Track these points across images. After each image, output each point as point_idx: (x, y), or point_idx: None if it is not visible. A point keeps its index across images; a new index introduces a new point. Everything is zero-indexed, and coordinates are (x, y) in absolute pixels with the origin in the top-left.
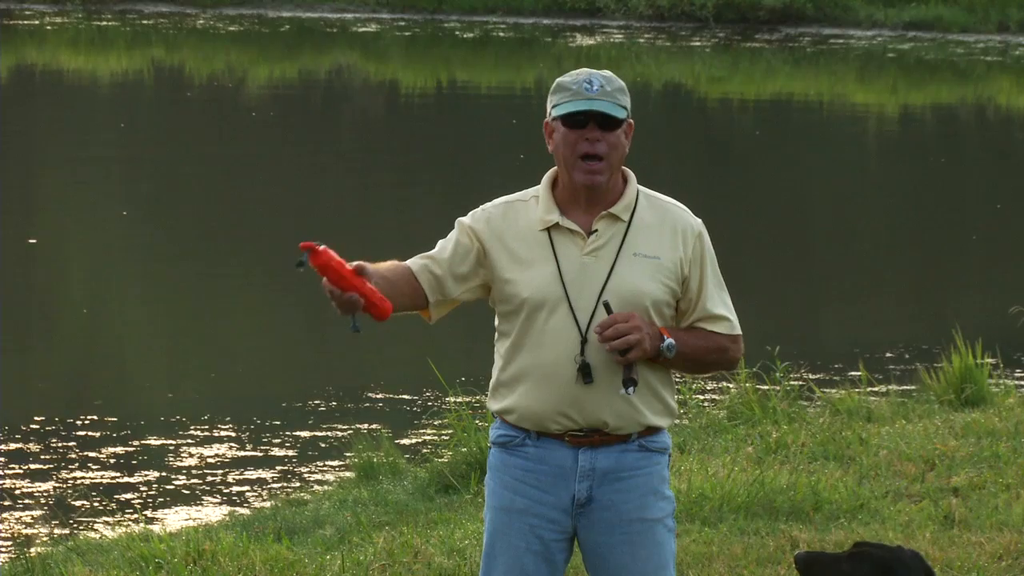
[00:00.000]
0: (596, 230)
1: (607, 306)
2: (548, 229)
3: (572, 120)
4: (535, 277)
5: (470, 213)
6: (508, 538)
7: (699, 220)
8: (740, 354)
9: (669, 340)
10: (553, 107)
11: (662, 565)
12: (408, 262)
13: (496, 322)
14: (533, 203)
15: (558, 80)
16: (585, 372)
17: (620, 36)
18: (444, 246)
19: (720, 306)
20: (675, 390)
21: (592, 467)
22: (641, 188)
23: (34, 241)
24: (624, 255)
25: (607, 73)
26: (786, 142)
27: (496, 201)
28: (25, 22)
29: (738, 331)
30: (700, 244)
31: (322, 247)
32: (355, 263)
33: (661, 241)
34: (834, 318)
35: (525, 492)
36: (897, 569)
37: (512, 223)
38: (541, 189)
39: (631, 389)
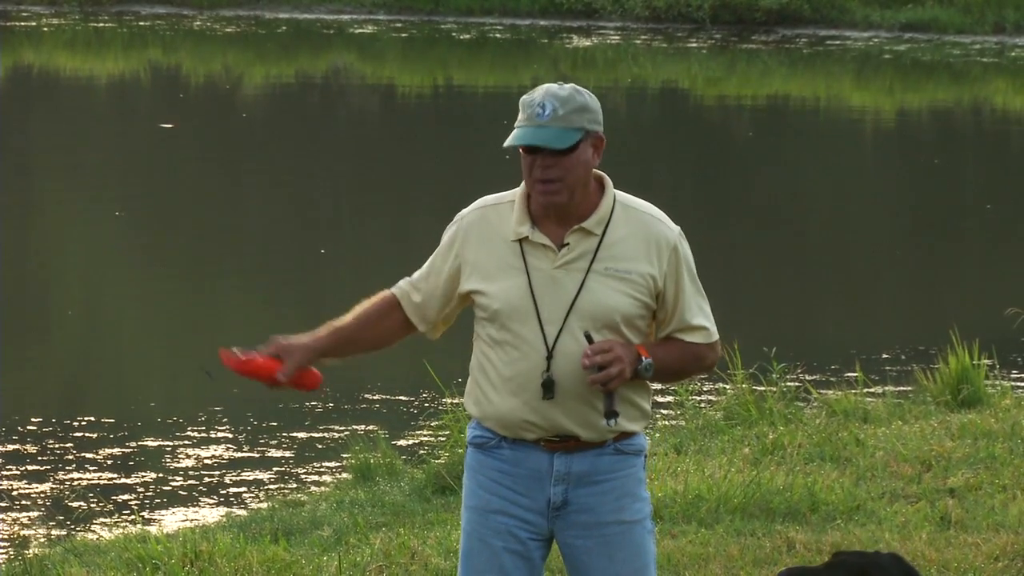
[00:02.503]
0: (567, 243)
1: (588, 337)
2: (520, 241)
3: (524, 148)
4: (506, 289)
5: (453, 223)
6: (485, 537)
7: (676, 229)
8: (717, 358)
9: (647, 360)
10: (515, 126)
11: (643, 567)
12: (395, 289)
13: (475, 324)
14: (509, 208)
15: (523, 97)
16: (547, 387)
17: (617, 38)
18: (429, 269)
19: (698, 316)
20: (651, 395)
21: (567, 471)
22: (619, 196)
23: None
24: (595, 270)
25: (565, 92)
26: (782, 143)
27: (475, 205)
28: (22, 23)
29: (715, 338)
30: (676, 256)
31: (237, 356)
32: (286, 343)
33: (635, 255)
34: (830, 319)
35: (501, 493)
36: (874, 574)
37: (487, 231)
38: (517, 198)
39: (613, 421)
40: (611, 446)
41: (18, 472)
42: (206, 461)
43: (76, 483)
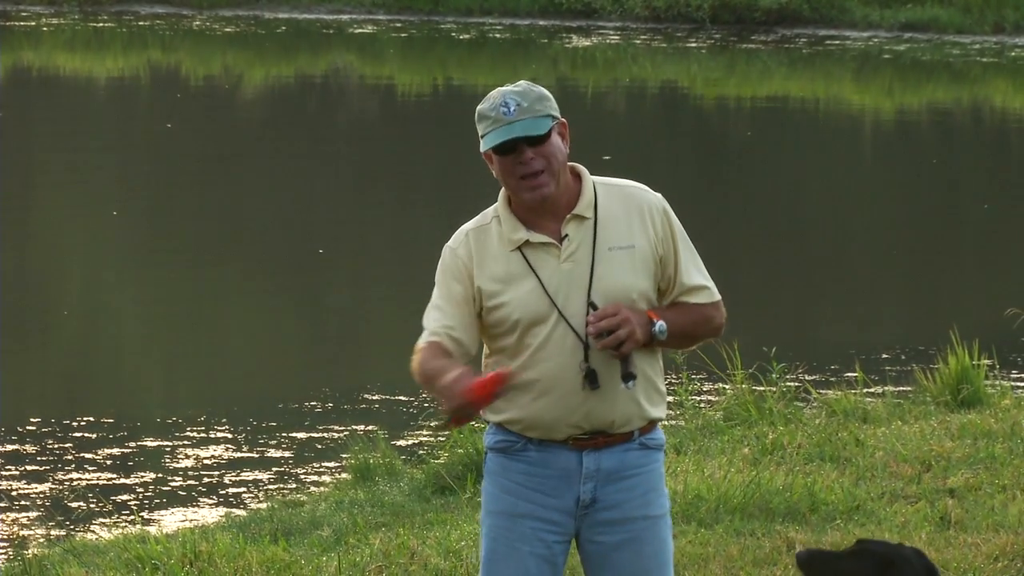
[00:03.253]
0: (567, 235)
1: (592, 306)
2: (520, 247)
3: (501, 149)
4: (521, 297)
5: (446, 254)
6: (511, 543)
7: (659, 195)
8: (724, 319)
9: (660, 323)
10: (481, 138)
11: (665, 563)
12: (432, 337)
13: (485, 342)
14: (495, 224)
15: (478, 109)
16: (591, 379)
17: (616, 37)
18: (449, 308)
19: (697, 276)
20: (664, 374)
21: (597, 468)
22: (596, 179)
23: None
24: (600, 253)
25: (521, 87)
26: (782, 143)
27: (458, 234)
28: (21, 23)
29: (718, 297)
30: (667, 219)
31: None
32: (455, 375)
33: (631, 228)
34: (830, 319)
35: (528, 496)
36: (900, 565)
37: (482, 251)
38: (500, 209)
39: (631, 383)
40: (637, 440)
41: (17, 472)
42: (205, 461)
43: (75, 483)
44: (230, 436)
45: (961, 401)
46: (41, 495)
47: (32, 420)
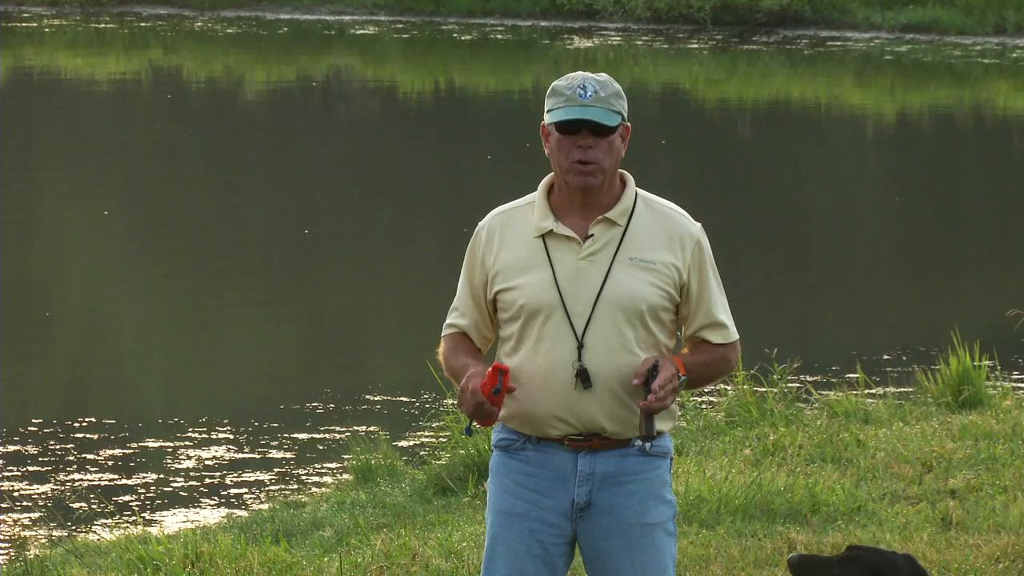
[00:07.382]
0: (592, 235)
1: (654, 369)
2: (543, 236)
3: (565, 127)
4: (531, 284)
5: (473, 236)
6: (508, 542)
7: (698, 225)
8: (738, 357)
9: (683, 378)
10: (548, 112)
11: (661, 569)
12: (454, 328)
13: (498, 331)
14: (529, 209)
15: (554, 84)
16: (584, 377)
17: (618, 38)
18: (466, 293)
19: (722, 312)
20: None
21: (592, 471)
22: (640, 192)
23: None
24: (620, 260)
25: (603, 77)
26: (783, 145)
27: (493, 212)
28: (23, 24)
29: (735, 337)
30: (699, 250)
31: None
32: (467, 376)
33: (658, 246)
34: (832, 320)
35: (525, 496)
36: (887, 573)
37: (508, 233)
38: (537, 195)
39: (649, 445)
40: (636, 446)
41: (19, 473)
42: (207, 462)
43: (77, 484)
44: (232, 437)
45: (962, 402)
46: (43, 496)
47: (34, 421)
